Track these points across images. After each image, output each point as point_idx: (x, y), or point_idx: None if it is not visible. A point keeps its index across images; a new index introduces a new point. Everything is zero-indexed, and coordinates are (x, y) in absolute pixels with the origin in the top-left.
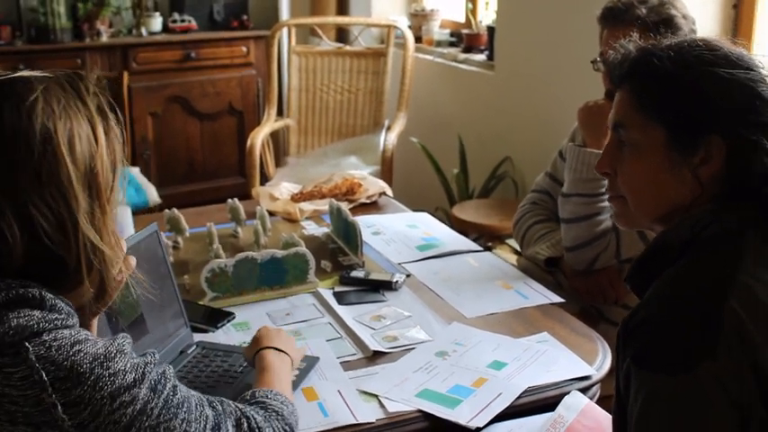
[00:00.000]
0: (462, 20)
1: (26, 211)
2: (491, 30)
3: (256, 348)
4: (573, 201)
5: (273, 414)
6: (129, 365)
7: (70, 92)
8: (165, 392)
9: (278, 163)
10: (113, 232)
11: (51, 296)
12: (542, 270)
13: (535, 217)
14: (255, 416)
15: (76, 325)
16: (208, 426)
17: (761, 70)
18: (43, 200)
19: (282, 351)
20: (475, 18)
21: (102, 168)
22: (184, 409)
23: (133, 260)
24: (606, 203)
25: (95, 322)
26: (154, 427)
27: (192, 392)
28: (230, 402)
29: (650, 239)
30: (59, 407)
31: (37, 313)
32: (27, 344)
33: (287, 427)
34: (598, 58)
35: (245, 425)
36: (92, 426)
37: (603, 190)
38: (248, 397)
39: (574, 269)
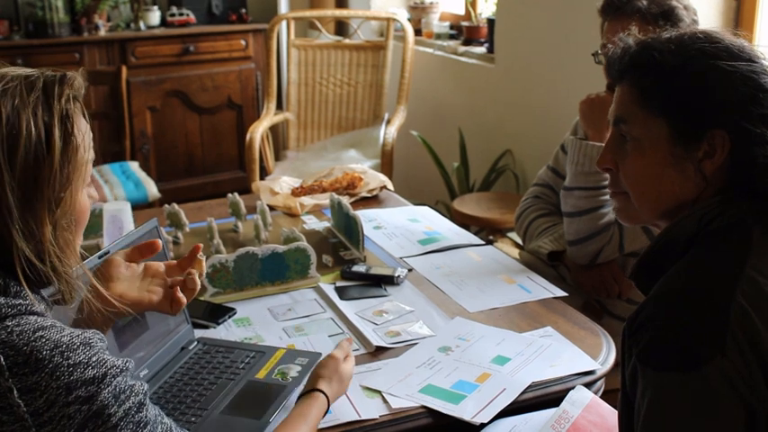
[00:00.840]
0: (462, 12)
1: None
2: (491, 22)
3: (313, 385)
4: (575, 194)
5: None
6: (93, 360)
7: (38, 94)
8: (128, 405)
9: (277, 157)
10: (61, 247)
11: (15, 283)
12: (545, 264)
13: (537, 211)
14: None
15: (45, 313)
16: None
17: (763, 62)
18: None
19: (328, 399)
20: (475, 10)
21: (51, 178)
22: (147, 430)
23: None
24: (608, 197)
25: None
26: None
27: (166, 421)
28: None
29: (653, 232)
30: (15, 392)
31: (0, 299)
32: None
33: None
34: (599, 51)
35: None
36: (46, 416)
37: (606, 183)
38: None
39: (577, 263)
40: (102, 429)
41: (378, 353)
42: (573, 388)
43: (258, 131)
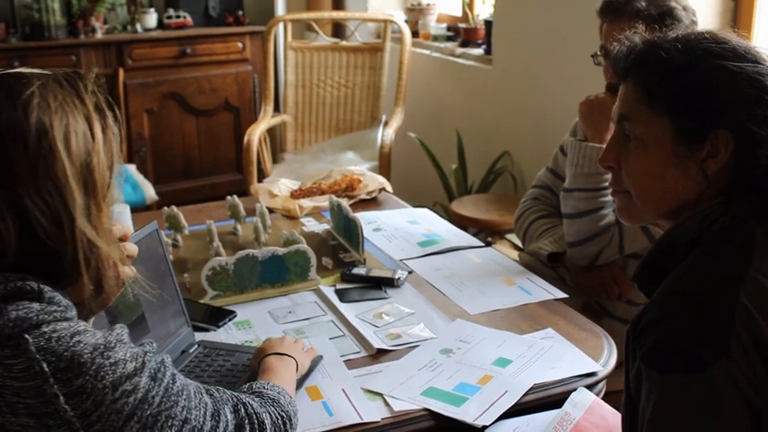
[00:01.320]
0: (459, 14)
1: (22, 203)
2: (488, 24)
3: (260, 357)
4: (575, 196)
5: (269, 401)
6: (129, 354)
7: (68, 89)
8: (165, 380)
9: (275, 159)
10: (109, 230)
11: (49, 289)
12: (544, 265)
13: (537, 213)
14: (252, 402)
15: (75, 318)
16: (207, 412)
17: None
18: (39, 194)
19: (286, 354)
20: (472, 12)
21: (99, 165)
22: (184, 397)
23: (134, 248)
24: (609, 197)
25: (91, 323)
26: (155, 415)
27: (190, 381)
28: (225, 390)
29: (653, 233)
30: (61, 397)
31: (36, 305)
32: (27, 335)
33: (284, 414)
34: (599, 52)
35: (242, 410)
36: (95, 415)
37: (606, 184)
38: (245, 389)
39: (577, 265)
40: (149, 412)
41: (379, 355)
42: (575, 390)
43: (256, 134)
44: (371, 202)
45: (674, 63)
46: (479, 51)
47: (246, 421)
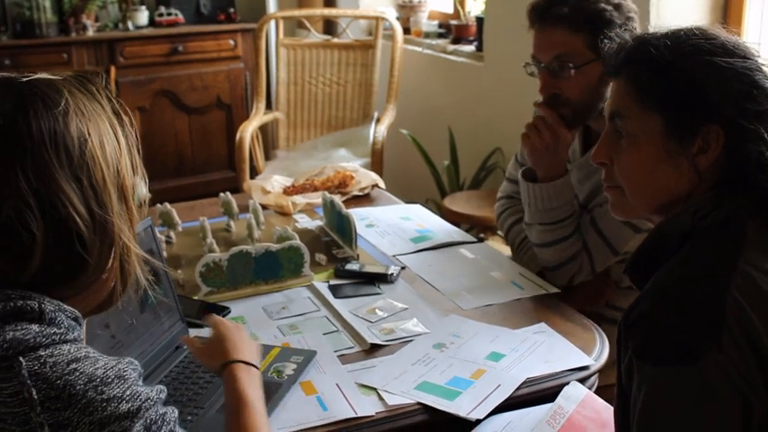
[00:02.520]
0: (451, 11)
1: (63, 214)
2: (480, 20)
3: (223, 360)
4: (537, 229)
5: None
6: (127, 393)
7: (88, 95)
8: None
9: (267, 156)
10: (135, 235)
11: (52, 308)
12: None
13: (513, 216)
14: None
15: (79, 338)
16: None
17: (758, 58)
18: (83, 202)
19: (252, 365)
20: (463, 9)
21: (126, 170)
22: None
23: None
24: (571, 227)
25: (83, 325)
26: None
27: None
28: None
29: (640, 226)
30: (46, 427)
31: (35, 327)
32: (21, 358)
33: None
34: (530, 62)
35: None
36: None
37: (565, 216)
38: None
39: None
40: None
41: (372, 350)
42: (567, 384)
43: (248, 131)
44: (364, 199)
45: (664, 59)
46: (471, 48)
47: None
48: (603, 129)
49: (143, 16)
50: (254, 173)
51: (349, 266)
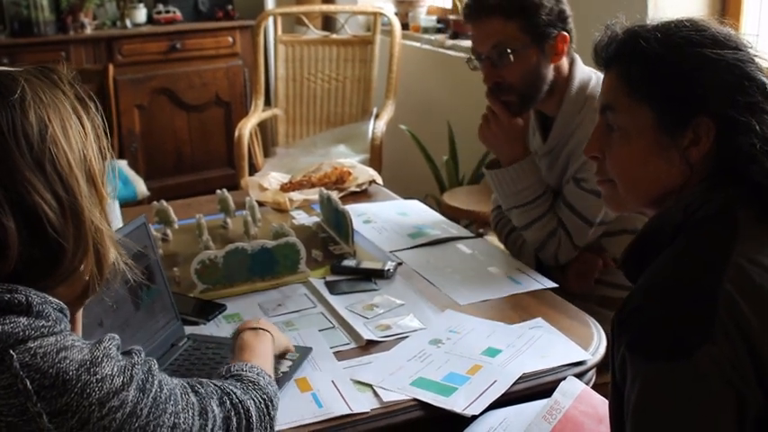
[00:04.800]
0: (449, 6)
1: (30, 202)
2: None
3: (236, 335)
4: (514, 213)
5: (251, 385)
6: (116, 369)
7: (48, 83)
8: (154, 390)
9: (266, 153)
10: (108, 219)
11: (39, 301)
12: None
13: (510, 224)
14: (234, 390)
15: (65, 330)
16: (195, 412)
17: (749, 50)
18: (48, 189)
19: (260, 328)
20: (462, 4)
21: (93, 155)
22: (172, 402)
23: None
24: (543, 206)
25: (80, 315)
26: (143, 426)
27: (175, 381)
28: (209, 382)
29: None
30: (45, 416)
31: (23, 320)
32: (11, 351)
33: (265, 397)
34: (472, 56)
35: (228, 402)
36: None
37: (536, 195)
38: (224, 372)
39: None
40: (137, 424)
41: (368, 347)
42: (564, 379)
43: (247, 128)
44: (362, 195)
45: (654, 52)
46: (469, 43)
47: (233, 412)
48: (557, 113)
49: (141, 14)
50: (254, 170)
51: (345, 263)
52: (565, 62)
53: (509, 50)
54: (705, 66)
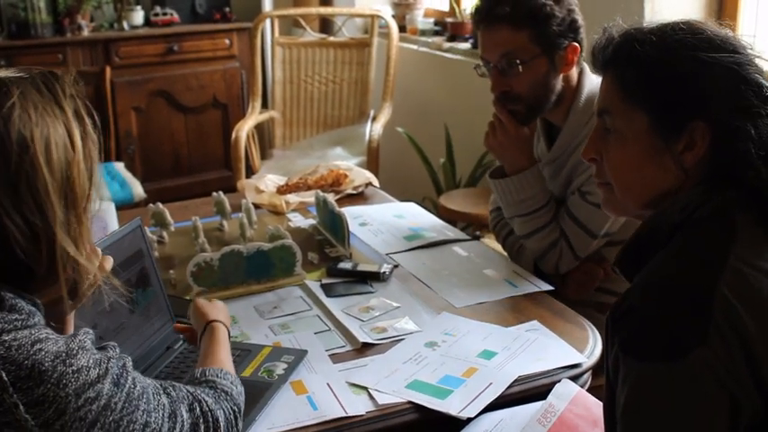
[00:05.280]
0: (446, 8)
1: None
2: None
3: (205, 320)
4: (516, 222)
5: (223, 395)
6: (92, 361)
7: (47, 95)
8: (127, 386)
9: (263, 155)
10: (89, 241)
11: (11, 296)
12: None
13: (508, 226)
14: (206, 398)
15: (38, 324)
16: (165, 413)
17: (747, 52)
18: (19, 212)
19: (226, 326)
20: (459, 6)
21: (79, 176)
22: (144, 400)
23: (109, 261)
24: (547, 216)
25: (71, 317)
26: (117, 420)
27: (148, 381)
28: (181, 387)
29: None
30: (21, 407)
31: None
32: None
33: (235, 408)
34: (480, 63)
35: (198, 409)
36: (57, 424)
37: (539, 206)
38: (198, 375)
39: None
40: (111, 417)
41: (364, 349)
42: (559, 381)
43: (244, 130)
44: (358, 197)
45: (648, 56)
46: (467, 45)
47: (201, 420)
48: (564, 123)
49: (138, 16)
50: (251, 172)
51: (341, 265)
52: (574, 72)
53: (518, 61)
54: (700, 70)
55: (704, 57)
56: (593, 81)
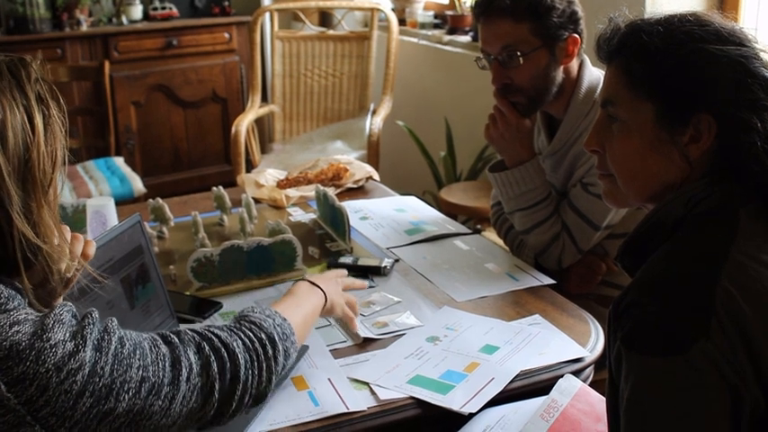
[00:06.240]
0: (446, 1)
1: None
2: None
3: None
4: (517, 216)
5: (247, 326)
6: (68, 334)
7: (8, 79)
8: (113, 347)
9: (263, 150)
10: (53, 226)
11: None
12: None
13: (509, 221)
14: (219, 333)
15: (18, 307)
16: (167, 363)
17: (754, 45)
18: None
19: (318, 287)
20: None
21: (39, 160)
22: (137, 356)
23: (92, 246)
24: (548, 209)
25: (61, 301)
26: (108, 384)
27: (145, 335)
28: (187, 330)
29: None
30: (2, 386)
31: None
32: None
33: (262, 336)
34: (481, 56)
35: (207, 347)
36: (41, 400)
37: (540, 198)
38: (238, 314)
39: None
40: (101, 383)
41: (365, 344)
42: (562, 376)
43: (243, 124)
44: (359, 191)
45: (656, 47)
46: (467, 39)
47: (212, 357)
48: (564, 115)
49: (137, 10)
50: (250, 166)
51: (342, 259)
52: (574, 64)
53: (519, 53)
54: (707, 62)
55: (712, 49)
56: (593, 73)
